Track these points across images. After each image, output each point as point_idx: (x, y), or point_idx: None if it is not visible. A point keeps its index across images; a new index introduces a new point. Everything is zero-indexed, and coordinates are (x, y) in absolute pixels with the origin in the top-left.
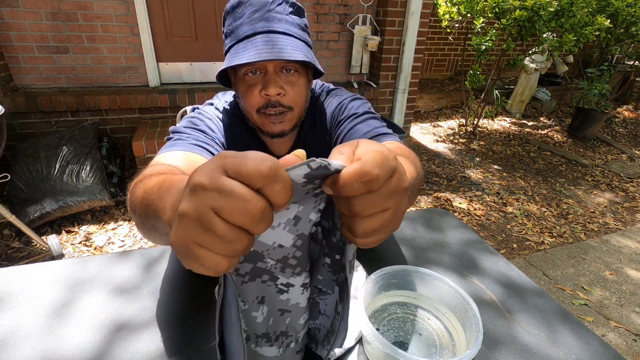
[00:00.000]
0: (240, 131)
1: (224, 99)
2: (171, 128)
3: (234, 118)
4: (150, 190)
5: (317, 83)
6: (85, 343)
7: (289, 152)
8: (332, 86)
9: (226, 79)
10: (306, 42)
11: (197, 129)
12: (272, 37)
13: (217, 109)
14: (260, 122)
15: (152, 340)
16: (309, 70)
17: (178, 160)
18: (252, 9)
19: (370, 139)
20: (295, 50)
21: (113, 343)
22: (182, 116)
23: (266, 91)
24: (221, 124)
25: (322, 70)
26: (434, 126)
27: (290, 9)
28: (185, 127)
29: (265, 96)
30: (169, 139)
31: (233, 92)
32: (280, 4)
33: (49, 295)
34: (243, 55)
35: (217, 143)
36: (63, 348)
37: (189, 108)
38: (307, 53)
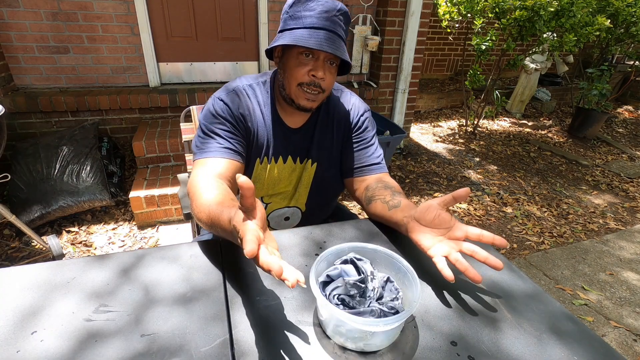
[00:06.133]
0: (265, 110)
1: (245, 82)
2: (200, 118)
3: (254, 97)
4: (214, 215)
5: None
6: (86, 343)
7: (301, 128)
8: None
9: (268, 51)
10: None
11: (220, 124)
12: (332, 37)
13: (235, 92)
14: (297, 94)
15: (152, 340)
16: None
17: (216, 170)
18: (323, 9)
19: (370, 164)
20: (345, 52)
21: (111, 343)
22: (185, 116)
23: (315, 72)
24: (237, 108)
25: (350, 69)
26: (434, 126)
27: (344, 19)
28: (209, 123)
29: (312, 76)
30: (198, 137)
31: (252, 76)
32: (341, 14)
33: (45, 296)
34: (309, 41)
35: (236, 127)
36: (63, 348)
37: (193, 108)
38: (349, 57)
